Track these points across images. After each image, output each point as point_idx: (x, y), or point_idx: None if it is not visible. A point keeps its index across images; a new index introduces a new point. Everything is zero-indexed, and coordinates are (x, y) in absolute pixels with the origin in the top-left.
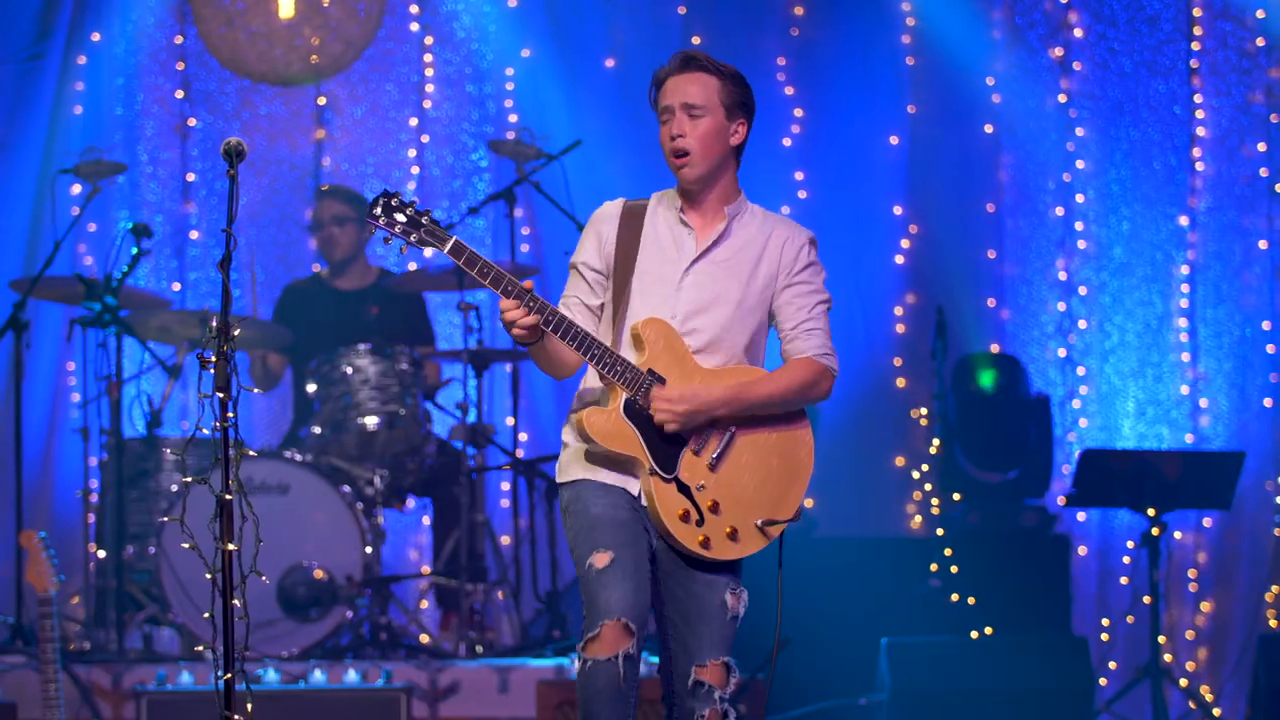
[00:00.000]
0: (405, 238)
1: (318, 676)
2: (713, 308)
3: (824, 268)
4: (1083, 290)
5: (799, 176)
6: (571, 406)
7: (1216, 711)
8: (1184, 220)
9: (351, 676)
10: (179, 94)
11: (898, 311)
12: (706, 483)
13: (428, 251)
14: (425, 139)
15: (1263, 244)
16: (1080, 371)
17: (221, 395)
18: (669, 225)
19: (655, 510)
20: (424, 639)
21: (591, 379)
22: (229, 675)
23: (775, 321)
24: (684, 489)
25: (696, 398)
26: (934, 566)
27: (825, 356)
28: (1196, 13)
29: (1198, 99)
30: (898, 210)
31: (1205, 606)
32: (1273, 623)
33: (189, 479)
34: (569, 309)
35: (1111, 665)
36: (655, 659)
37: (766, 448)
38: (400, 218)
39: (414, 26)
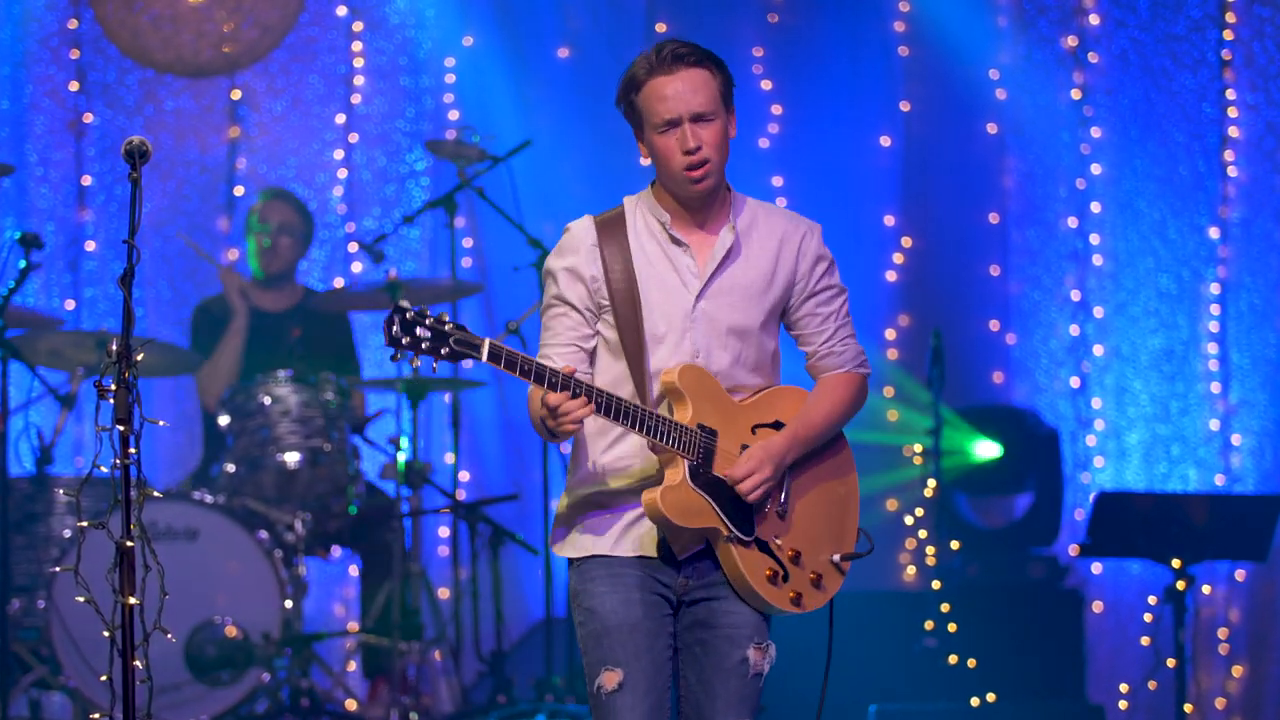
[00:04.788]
0: (435, 355)
1: None
2: (733, 335)
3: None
4: (1098, 312)
5: (777, 182)
6: (570, 482)
7: None
8: (1214, 232)
9: None
10: (73, 86)
11: (889, 335)
12: (781, 533)
13: (468, 363)
14: (354, 138)
15: None
16: (1095, 404)
17: (122, 428)
18: (659, 245)
19: (743, 578)
20: (350, 705)
21: (584, 447)
22: None
23: (795, 330)
24: (764, 547)
25: (772, 455)
26: (929, 624)
27: (862, 365)
28: None
29: (1230, 95)
30: (889, 221)
31: (1237, 671)
32: None
33: (84, 523)
34: (565, 358)
35: None
36: None
37: (821, 474)
38: (423, 333)
39: (341, 10)
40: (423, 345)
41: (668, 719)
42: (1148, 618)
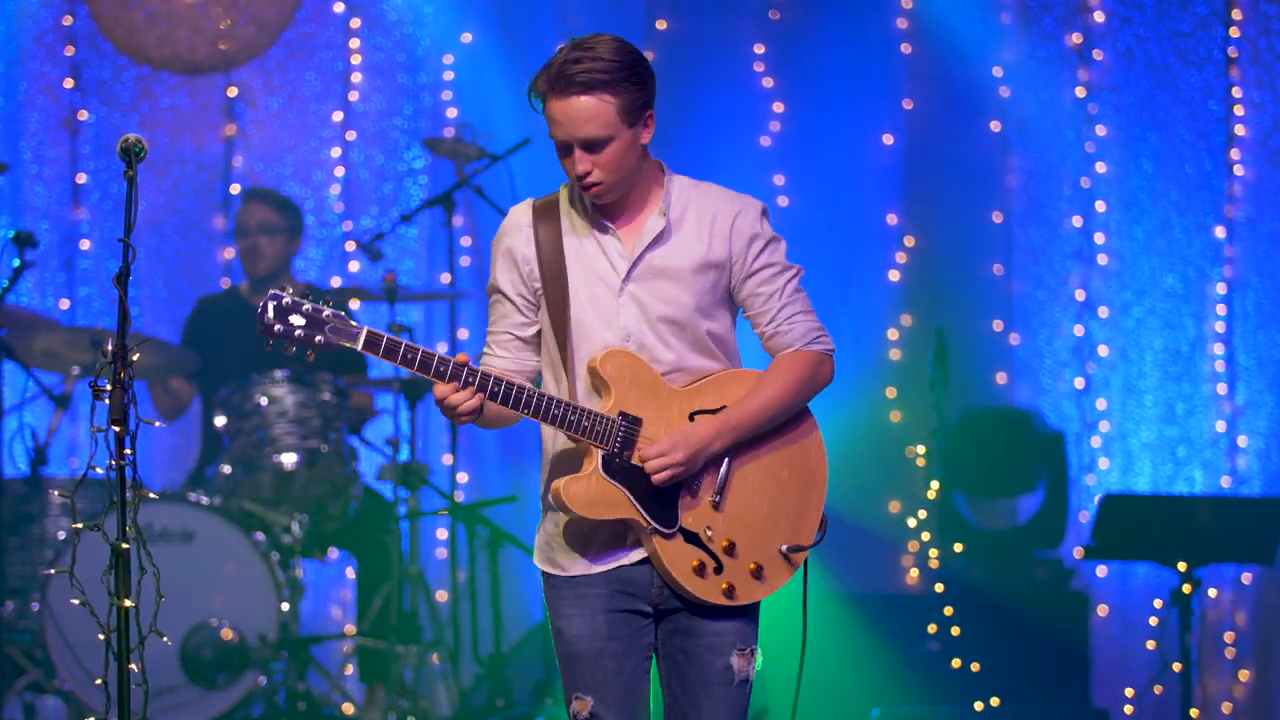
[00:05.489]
0: (309, 344)
1: None
2: (666, 321)
3: (780, 235)
4: (1103, 311)
5: (779, 180)
6: (543, 472)
7: None
8: (1220, 231)
9: None
10: (68, 83)
11: (892, 335)
12: (714, 524)
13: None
14: (351, 136)
15: None
16: (1100, 405)
17: (117, 429)
18: (590, 230)
19: (665, 569)
20: (348, 709)
21: (553, 438)
22: None
23: (746, 313)
24: (692, 538)
25: (689, 439)
26: (932, 628)
27: (816, 341)
28: None
29: (1236, 93)
30: (892, 219)
31: (1244, 675)
32: None
33: (79, 525)
34: (502, 345)
35: None
36: None
37: (772, 460)
38: (297, 320)
39: (338, 7)
40: (296, 334)
41: None
42: (1153, 621)
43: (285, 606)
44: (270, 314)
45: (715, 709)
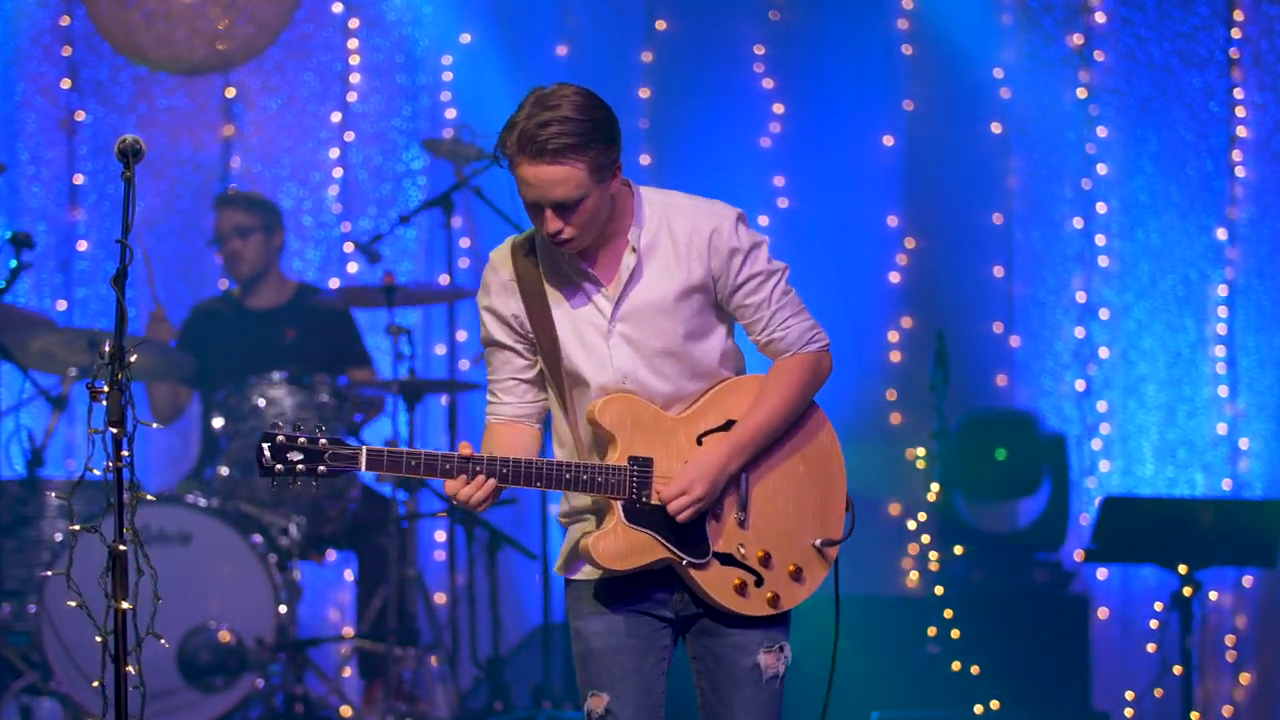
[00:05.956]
0: (314, 475)
1: None
2: (659, 354)
3: (759, 234)
4: (1104, 314)
5: (779, 182)
6: (561, 504)
7: None
8: (1222, 233)
9: None
10: (65, 84)
11: (892, 337)
12: (745, 541)
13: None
14: (350, 137)
15: None
16: (1101, 407)
17: (115, 431)
18: (567, 275)
19: (709, 597)
20: (346, 712)
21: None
22: None
23: (738, 320)
24: (727, 559)
25: (705, 470)
26: (932, 630)
27: (812, 341)
28: None
29: (1238, 94)
30: (892, 221)
31: (1245, 678)
32: None
33: (76, 527)
34: (508, 392)
35: None
36: None
37: (787, 460)
38: (295, 456)
39: (337, 7)
40: (298, 468)
41: None
42: (1154, 624)
43: (283, 609)
44: (268, 455)
45: (745, 707)
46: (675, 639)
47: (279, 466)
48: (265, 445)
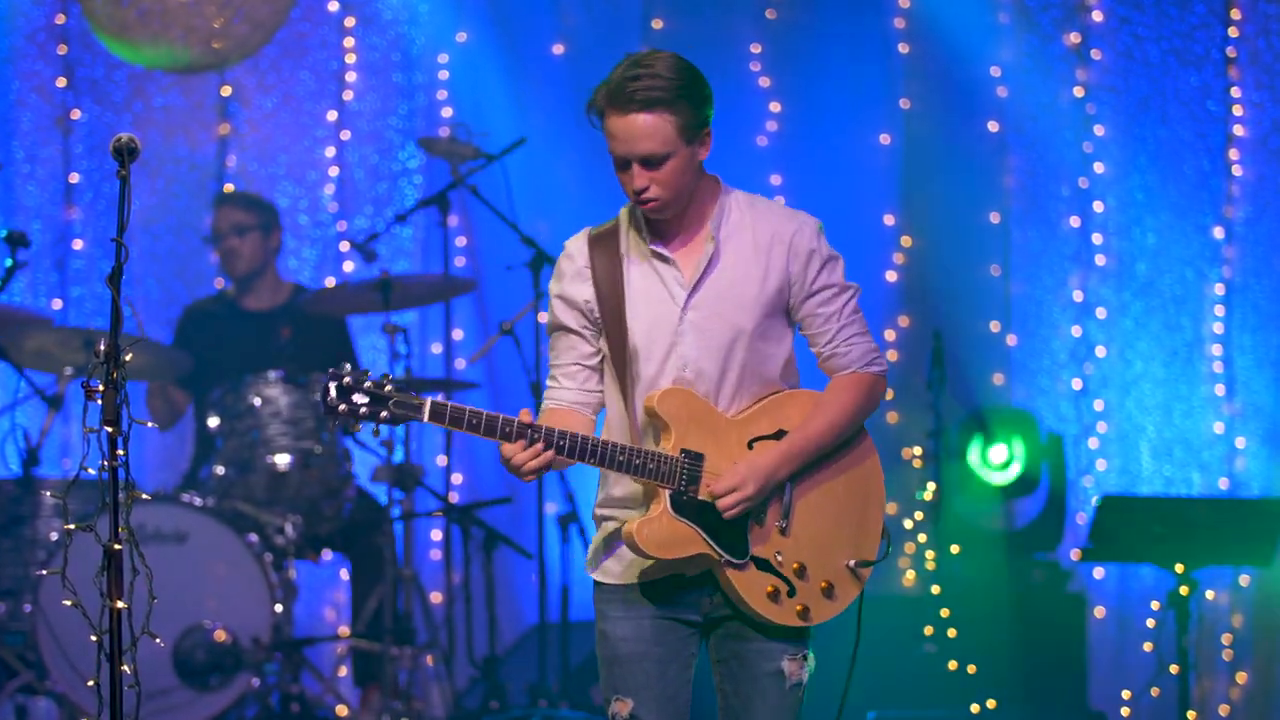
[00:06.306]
0: (374, 420)
1: None
2: (725, 346)
3: (837, 251)
4: (1101, 313)
5: (775, 180)
6: (599, 498)
7: None
8: (1219, 232)
9: None
10: (60, 82)
11: (889, 336)
12: (783, 549)
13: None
14: (346, 135)
15: None
16: (1098, 406)
17: (110, 430)
18: (645, 258)
19: (741, 599)
20: (341, 711)
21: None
22: None
23: (804, 332)
24: (763, 565)
25: (757, 472)
26: (929, 629)
27: (873, 363)
28: None
29: (1235, 93)
30: (889, 220)
31: (1241, 678)
32: None
33: (71, 526)
34: (570, 377)
35: None
36: None
37: (830, 479)
38: (360, 399)
39: (333, 6)
40: (360, 411)
41: None
42: (1150, 623)
43: (279, 608)
44: (333, 394)
45: (767, 712)
46: (700, 643)
47: (342, 406)
48: (331, 384)
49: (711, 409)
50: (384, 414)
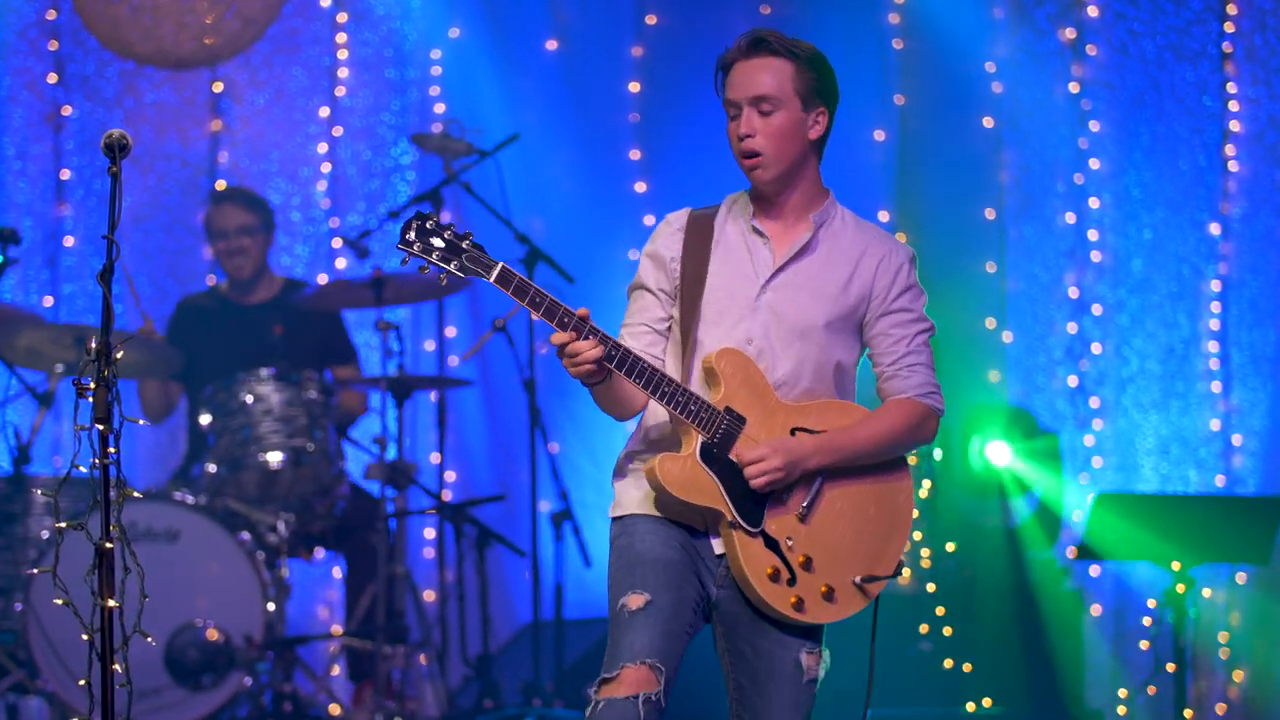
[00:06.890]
0: (445, 266)
1: None
2: (795, 333)
3: (924, 290)
4: (1097, 309)
5: None
6: (629, 446)
7: None
8: (1215, 228)
9: None
10: (51, 78)
11: None
12: (796, 536)
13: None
14: (338, 131)
15: None
16: (1094, 403)
17: (101, 427)
18: (742, 234)
19: (740, 568)
20: (334, 710)
21: (655, 414)
22: None
23: (870, 352)
24: (772, 544)
25: (790, 450)
26: (924, 628)
27: (929, 396)
28: None
29: (1231, 89)
30: (884, 216)
31: (1238, 676)
32: None
33: (62, 524)
34: (635, 336)
35: None
36: None
37: (862, 494)
38: (438, 242)
39: (325, 2)
40: (434, 254)
41: (679, 655)
42: (1147, 621)
43: (271, 606)
44: (412, 233)
45: (784, 703)
46: (703, 621)
47: (418, 244)
48: (415, 222)
49: (766, 384)
50: (455, 263)
